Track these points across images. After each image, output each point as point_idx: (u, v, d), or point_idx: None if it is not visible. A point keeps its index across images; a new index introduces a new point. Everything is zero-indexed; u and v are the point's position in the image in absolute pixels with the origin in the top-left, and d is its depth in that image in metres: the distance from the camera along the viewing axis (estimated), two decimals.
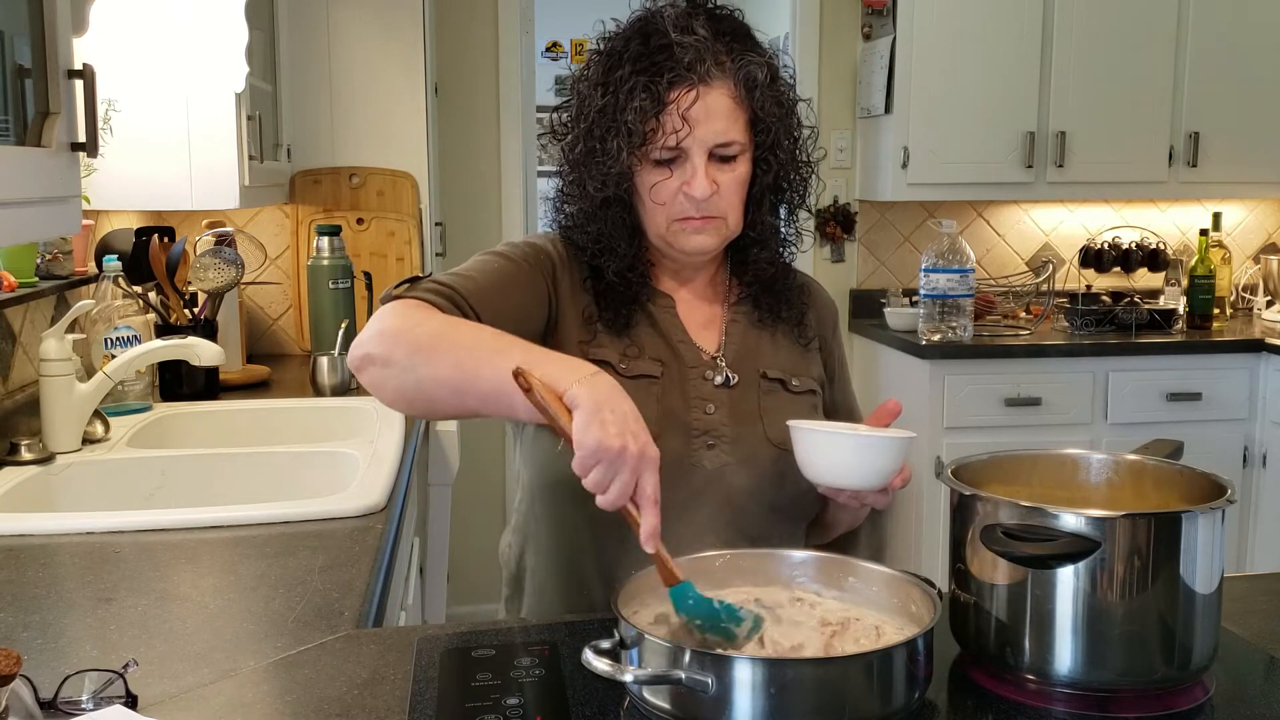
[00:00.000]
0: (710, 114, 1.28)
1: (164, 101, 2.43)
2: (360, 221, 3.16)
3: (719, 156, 1.30)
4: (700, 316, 1.41)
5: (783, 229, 1.42)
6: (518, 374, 1.07)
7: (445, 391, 1.17)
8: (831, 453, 1.20)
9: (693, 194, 1.29)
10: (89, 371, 2.11)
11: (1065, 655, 0.99)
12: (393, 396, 1.22)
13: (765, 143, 1.33)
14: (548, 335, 1.35)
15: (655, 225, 1.34)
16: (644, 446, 1.06)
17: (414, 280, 1.29)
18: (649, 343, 1.37)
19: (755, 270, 1.41)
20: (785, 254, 1.44)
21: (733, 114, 1.30)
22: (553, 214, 1.42)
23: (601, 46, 1.34)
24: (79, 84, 1.39)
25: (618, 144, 1.29)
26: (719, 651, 0.97)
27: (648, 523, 1.05)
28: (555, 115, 1.39)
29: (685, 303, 1.41)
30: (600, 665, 0.94)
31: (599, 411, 1.05)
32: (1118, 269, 4.02)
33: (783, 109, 1.35)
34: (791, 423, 1.23)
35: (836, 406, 1.49)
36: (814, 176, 1.42)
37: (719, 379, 1.37)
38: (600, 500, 1.06)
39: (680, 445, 1.32)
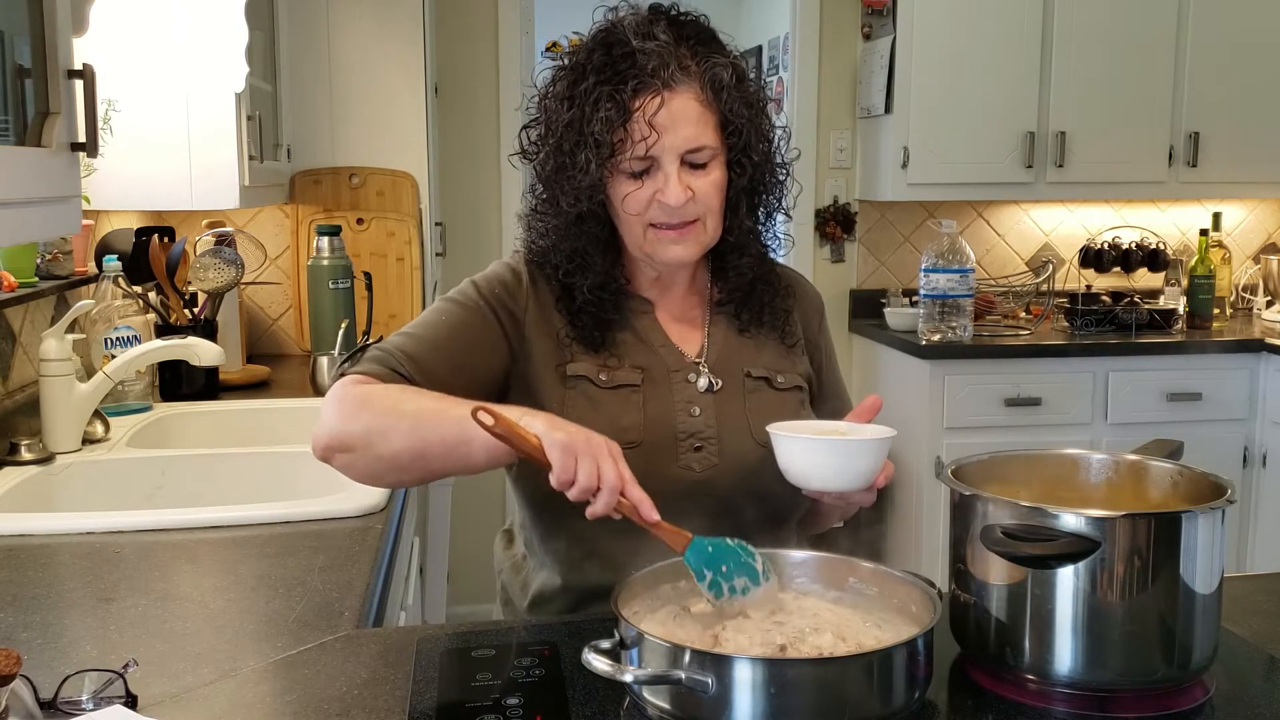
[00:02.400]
0: (677, 119, 1.27)
1: (164, 101, 2.43)
2: (360, 221, 3.16)
3: (691, 163, 1.29)
4: (681, 320, 1.41)
5: (761, 232, 1.41)
6: (478, 410, 1.09)
7: (408, 459, 1.20)
8: (812, 458, 1.20)
9: (666, 202, 1.27)
10: (89, 371, 2.11)
11: (1065, 655, 0.99)
12: (363, 476, 1.26)
13: (738, 145, 1.32)
14: (513, 367, 1.35)
15: (633, 236, 1.33)
16: (605, 438, 1.11)
17: (362, 350, 1.31)
18: (629, 350, 1.36)
19: (735, 275, 1.40)
20: (762, 247, 1.42)
21: (701, 118, 1.28)
22: (524, 232, 1.40)
23: (566, 60, 1.33)
24: (79, 84, 1.39)
25: (586, 156, 1.27)
26: (719, 651, 0.97)
27: (643, 499, 1.08)
28: (524, 133, 1.37)
29: (666, 307, 1.40)
30: (600, 665, 0.94)
31: (555, 423, 1.11)
32: (1118, 269, 4.02)
33: (752, 110, 1.33)
34: (771, 428, 1.22)
35: (826, 401, 1.48)
36: (790, 179, 1.40)
37: (702, 383, 1.36)
38: (592, 508, 1.08)
39: (667, 449, 1.32)
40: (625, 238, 1.34)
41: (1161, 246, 4.00)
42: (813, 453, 1.20)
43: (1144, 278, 4.07)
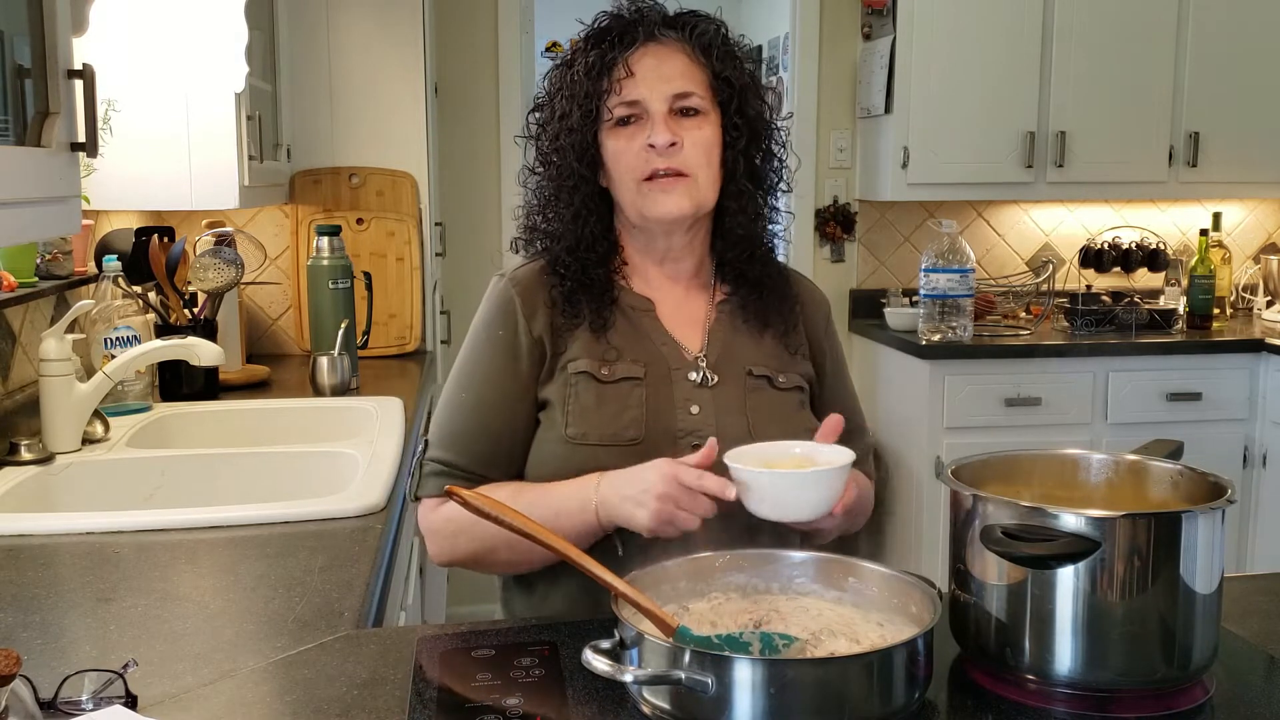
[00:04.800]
0: (664, 66, 1.32)
1: (164, 101, 2.43)
2: (360, 221, 3.16)
3: (681, 111, 1.32)
4: (684, 318, 1.41)
5: (760, 201, 1.41)
6: (450, 491, 1.13)
7: (524, 563, 1.32)
8: (764, 491, 1.17)
9: (654, 142, 1.30)
10: (89, 371, 2.10)
11: (1065, 655, 0.99)
12: (501, 573, 1.41)
13: (729, 100, 1.34)
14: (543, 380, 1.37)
15: (626, 193, 1.34)
16: (657, 473, 1.18)
17: (419, 466, 1.37)
18: (629, 345, 1.36)
19: (733, 240, 1.39)
20: (764, 230, 1.43)
21: (689, 70, 1.33)
22: (523, 219, 1.42)
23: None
24: (79, 84, 1.39)
25: (578, 114, 1.32)
26: (719, 652, 0.97)
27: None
28: (530, 116, 1.42)
29: (667, 306, 1.41)
30: (600, 665, 0.94)
31: (622, 497, 1.21)
32: (1118, 269, 4.02)
33: (741, 69, 1.36)
34: (727, 457, 1.19)
35: (830, 404, 1.46)
36: (788, 147, 1.42)
37: (700, 379, 1.36)
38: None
39: (666, 446, 1.31)
40: (620, 197, 1.36)
41: (1161, 246, 4.00)
42: (765, 486, 1.17)
43: (1144, 278, 4.07)
